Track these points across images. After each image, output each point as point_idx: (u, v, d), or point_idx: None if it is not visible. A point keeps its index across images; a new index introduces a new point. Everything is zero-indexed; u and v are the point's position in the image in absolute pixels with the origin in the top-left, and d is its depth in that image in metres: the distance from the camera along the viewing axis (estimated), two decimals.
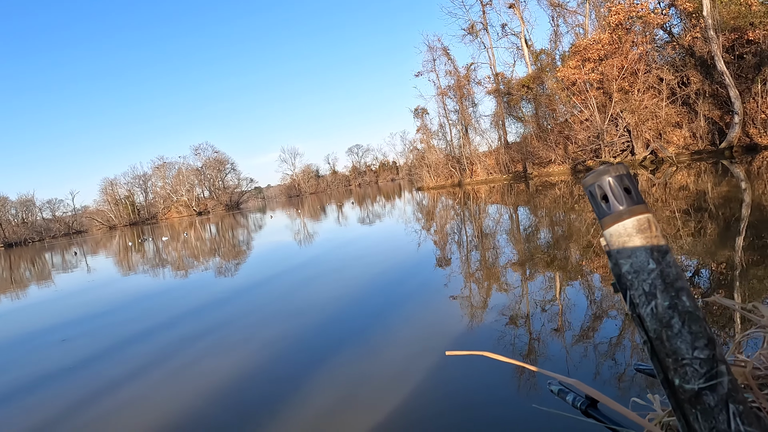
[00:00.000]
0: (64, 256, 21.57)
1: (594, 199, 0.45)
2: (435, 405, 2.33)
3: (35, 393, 3.46)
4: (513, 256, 5.99)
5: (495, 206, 13.71)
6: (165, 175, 68.07)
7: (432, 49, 30.89)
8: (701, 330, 0.40)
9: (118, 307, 6.52)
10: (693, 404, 0.40)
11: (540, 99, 25.46)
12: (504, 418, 2.17)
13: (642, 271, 0.42)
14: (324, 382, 2.81)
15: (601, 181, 0.44)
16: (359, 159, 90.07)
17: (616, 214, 0.43)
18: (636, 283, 0.42)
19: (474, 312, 3.86)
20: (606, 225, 0.44)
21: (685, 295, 0.41)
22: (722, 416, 0.39)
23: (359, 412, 2.38)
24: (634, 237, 0.42)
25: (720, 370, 0.39)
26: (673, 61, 19.62)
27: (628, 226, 0.42)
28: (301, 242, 11.78)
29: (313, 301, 4.95)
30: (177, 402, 2.88)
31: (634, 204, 0.43)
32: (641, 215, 0.42)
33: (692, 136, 18.63)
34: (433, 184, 31.64)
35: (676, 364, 0.40)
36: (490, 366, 2.61)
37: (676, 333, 0.40)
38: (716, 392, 0.39)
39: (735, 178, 10.24)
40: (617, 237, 0.43)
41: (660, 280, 0.41)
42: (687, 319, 0.40)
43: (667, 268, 0.41)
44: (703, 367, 0.39)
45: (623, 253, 0.43)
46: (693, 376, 0.40)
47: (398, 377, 2.71)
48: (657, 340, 0.41)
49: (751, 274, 3.54)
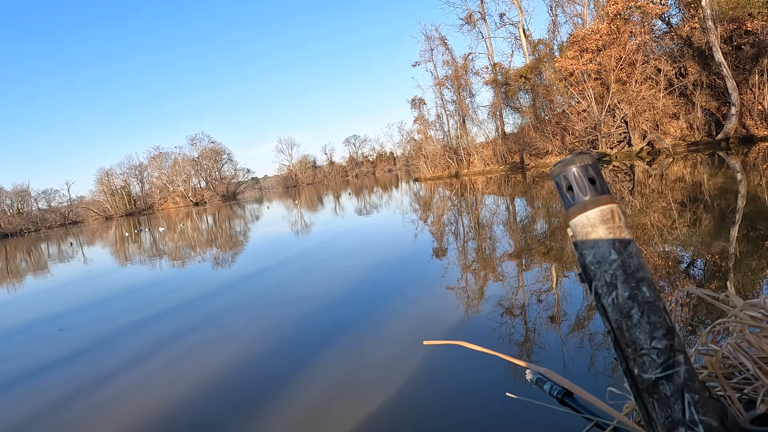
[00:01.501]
0: (60, 247, 21.51)
1: (560, 189, 0.45)
2: (414, 394, 2.35)
3: (34, 381, 3.47)
4: (508, 247, 6.01)
5: (491, 197, 13.72)
6: (161, 166, 67.77)
7: (429, 39, 30.69)
8: (660, 320, 0.40)
9: (114, 298, 6.52)
10: (650, 393, 0.40)
11: (537, 89, 25.37)
12: (476, 406, 2.21)
13: (604, 262, 0.42)
14: (319, 372, 2.83)
15: (566, 172, 0.43)
16: (356, 149, 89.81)
17: (580, 204, 0.43)
18: (599, 274, 0.42)
19: (466, 302, 3.87)
20: (571, 215, 0.44)
21: (645, 285, 0.41)
22: (677, 405, 0.39)
23: (352, 398, 2.40)
24: (598, 227, 0.42)
25: (677, 359, 0.40)
26: (671, 51, 19.57)
27: (591, 216, 0.42)
28: (298, 233, 11.78)
29: (309, 292, 4.96)
30: (172, 392, 2.90)
31: (598, 194, 0.43)
32: (605, 206, 0.42)
33: (689, 127, 18.64)
34: (430, 175, 31.60)
35: (635, 354, 0.41)
36: (470, 356, 2.64)
37: (635, 323, 0.40)
38: (672, 382, 0.39)
39: (731, 170, 10.27)
40: (581, 227, 0.43)
41: (621, 270, 0.41)
42: (646, 310, 0.40)
43: (628, 258, 0.41)
44: (660, 357, 0.40)
45: (587, 243, 0.43)
46: (650, 366, 0.40)
47: (385, 367, 2.73)
48: (618, 330, 0.41)
49: (745, 266, 3.57)
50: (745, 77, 16.71)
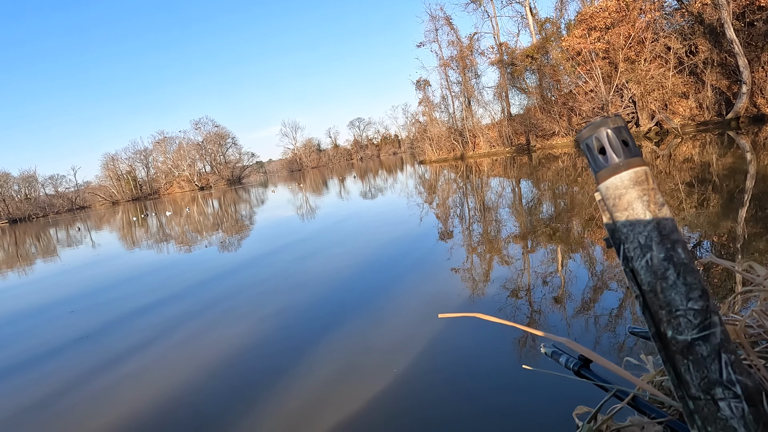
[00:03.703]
0: (69, 232, 21.72)
1: (591, 152, 0.44)
2: (429, 365, 2.38)
3: (47, 362, 3.55)
4: (514, 228, 6.00)
5: (497, 179, 13.66)
6: (166, 150, 67.77)
7: (434, 19, 30.18)
8: (696, 281, 0.40)
9: (123, 282, 6.60)
10: (685, 355, 0.40)
11: (544, 70, 24.99)
12: (494, 379, 2.24)
13: (638, 224, 0.41)
14: (326, 352, 2.86)
15: (599, 134, 0.43)
16: (361, 132, 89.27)
17: (612, 166, 0.42)
18: (631, 236, 0.42)
19: (473, 282, 3.89)
20: (602, 178, 0.43)
21: (680, 247, 0.41)
22: (714, 366, 0.39)
23: (364, 376, 2.44)
24: (631, 189, 0.42)
25: (713, 320, 0.39)
26: (682, 29, 19.13)
27: (624, 178, 0.42)
28: (303, 216, 11.81)
29: (315, 274, 5.00)
30: (180, 374, 2.95)
31: (631, 156, 0.42)
32: (639, 167, 0.42)
33: (698, 106, 18.35)
34: (435, 158, 31.43)
35: (670, 315, 0.40)
36: (484, 329, 2.66)
37: (671, 285, 0.40)
38: (709, 342, 0.39)
39: (740, 150, 10.13)
40: (613, 190, 0.42)
41: (656, 232, 0.41)
42: (682, 271, 0.40)
43: (663, 220, 0.41)
44: (697, 317, 0.39)
45: (619, 206, 0.42)
46: (686, 327, 0.40)
47: (395, 344, 2.76)
48: (650, 293, 0.41)
49: (753, 246, 3.55)
50: (757, 55, 16.35)
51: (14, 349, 4.10)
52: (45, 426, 2.55)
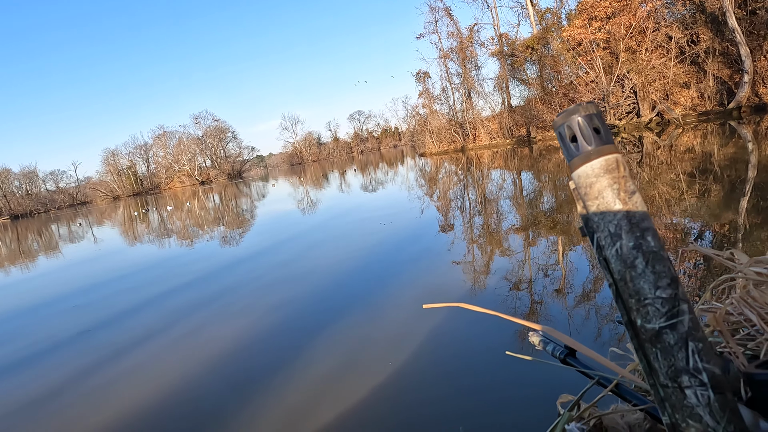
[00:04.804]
0: (70, 227, 21.76)
1: (563, 140, 0.44)
2: (417, 355, 2.40)
3: (51, 355, 3.57)
4: (514, 220, 6.00)
5: (498, 171, 13.63)
6: (166, 145, 67.73)
7: (434, 10, 30.01)
8: (665, 269, 0.40)
9: (125, 276, 6.62)
10: (653, 343, 0.40)
11: (545, 60, 24.85)
12: (477, 365, 2.28)
13: (608, 213, 0.41)
14: (326, 346, 2.88)
15: (570, 122, 0.43)
16: (361, 125, 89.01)
17: (584, 154, 0.42)
18: (602, 225, 0.42)
19: (473, 272, 3.90)
20: (574, 166, 0.43)
21: (650, 235, 0.41)
22: (681, 354, 0.39)
23: (358, 369, 2.45)
24: (602, 177, 0.41)
25: (681, 308, 0.40)
26: (683, 18, 18.98)
27: (595, 166, 0.42)
28: (304, 210, 11.82)
29: (316, 268, 5.01)
30: (180, 369, 2.97)
31: (602, 144, 0.42)
32: (609, 155, 0.41)
33: (700, 96, 18.25)
34: (435, 150, 31.35)
35: (639, 304, 0.41)
36: (473, 319, 2.67)
37: (639, 273, 0.40)
38: (676, 330, 0.39)
39: (742, 139, 10.09)
40: (585, 178, 0.42)
41: (626, 220, 0.41)
42: (651, 259, 0.40)
43: (633, 208, 0.41)
44: (665, 306, 0.40)
45: (591, 194, 0.42)
46: (654, 316, 0.40)
47: (392, 336, 2.78)
48: (621, 282, 0.41)
49: (755, 236, 3.55)
50: (759, 43, 16.22)
51: (18, 345, 4.12)
52: (44, 419, 2.57)
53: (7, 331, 4.70)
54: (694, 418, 0.39)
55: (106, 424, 2.39)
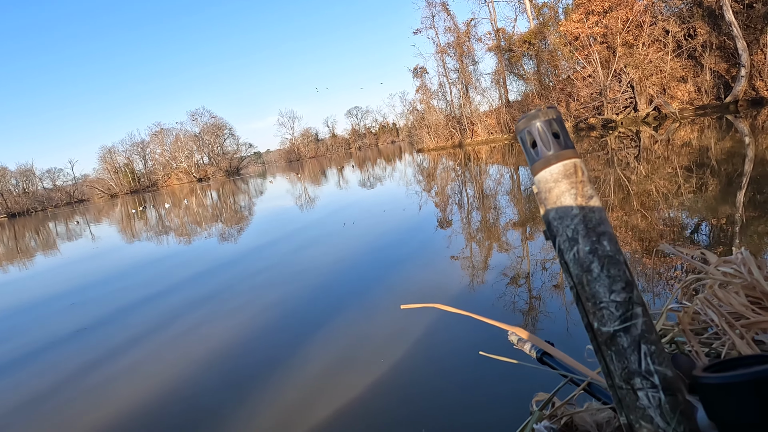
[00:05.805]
0: (68, 225, 21.71)
1: (525, 145, 0.44)
2: (395, 359, 2.40)
3: (47, 353, 3.57)
4: (512, 216, 6.00)
5: (495, 167, 13.64)
6: (163, 142, 67.52)
7: (431, 5, 29.86)
8: (619, 274, 0.40)
9: (123, 274, 6.62)
10: (608, 346, 0.41)
11: (542, 55, 24.81)
12: (451, 365, 2.28)
13: (566, 217, 0.42)
14: (321, 345, 2.89)
15: (530, 127, 0.43)
16: (358, 121, 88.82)
17: (544, 159, 0.42)
18: (561, 229, 0.42)
19: (468, 272, 3.90)
20: (535, 171, 0.43)
21: (606, 239, 0.41)
22: (634, 356, 0.40)
23: (348, 371, 2.46)
24: (561, 182, 0.42)
25: (635, 312, 0.40)
26: (680, 12, 18.94)
27: (554, 171, 0.42)
28: (302, 206, 11.81)
29: (313, 265, 5.02)
30: (178, 365, 2.97)
31: (562, 149, 0.42)
32: (568, 160, 0.42)
33: (697, 90, 18.25)
34: (433, 146, 31.33)
35: (595, 307, 0.41)
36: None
37: (595, 277, 0.41)
38: (630, 333, 0.40)
39: (739, 133, 10.11)
40: (545, 183, 0.43)
41: (582, 225, 0.41)
42: (606, 263, 0.40)
43: (590, 213, 0.41)
44: (619, 309, 0.40)
45: (550, 199, 0.43)
46: (609, 319, 0.40)
47: (388, 334, 2.78)
48: (579, 285, 0.42)
49: (752, 230, 3.56)
50: (756, 37, 16.21)
51: (15, 343, 4.12)
52: (41, 417, 2.57)
53: (4, 329, 4.69)
54: (645, 419, 0.40)
55: (103, 422, 2.40)
